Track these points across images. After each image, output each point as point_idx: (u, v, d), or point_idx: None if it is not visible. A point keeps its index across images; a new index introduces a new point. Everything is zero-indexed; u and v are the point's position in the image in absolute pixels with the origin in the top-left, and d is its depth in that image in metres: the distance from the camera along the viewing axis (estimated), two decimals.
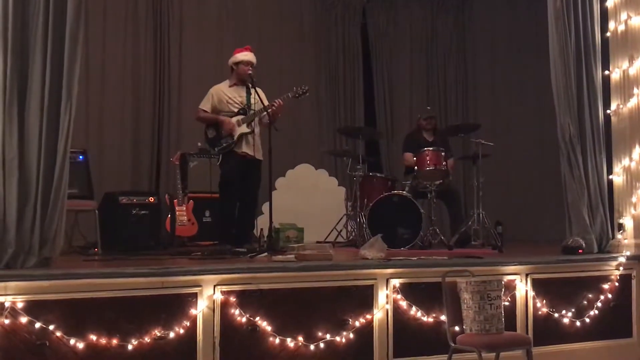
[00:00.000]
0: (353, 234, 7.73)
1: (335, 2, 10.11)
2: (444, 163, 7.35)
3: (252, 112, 6.70)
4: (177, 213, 7.44)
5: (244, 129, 6.67)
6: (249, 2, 9.61)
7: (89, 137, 8.43)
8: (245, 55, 6.80)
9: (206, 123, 6.83)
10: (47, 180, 4.50)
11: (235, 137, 6.65)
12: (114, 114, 8.74)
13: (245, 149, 6.69)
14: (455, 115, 10.27)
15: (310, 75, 9.84)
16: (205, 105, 6.81)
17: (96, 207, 6.43)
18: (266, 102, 6.70)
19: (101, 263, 5.38)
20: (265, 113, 6.50)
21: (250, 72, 6.70)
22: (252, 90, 6.67)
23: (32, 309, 4.11)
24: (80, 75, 4.79)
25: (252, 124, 6.72)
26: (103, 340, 4.22)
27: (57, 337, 4.13)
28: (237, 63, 6.80)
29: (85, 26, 6.64)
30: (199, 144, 8.05)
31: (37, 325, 4.09)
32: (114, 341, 4.25)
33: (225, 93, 6.81)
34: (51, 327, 4.12)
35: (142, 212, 6.75)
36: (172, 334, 4.40)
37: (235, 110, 6.74)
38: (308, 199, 8.81)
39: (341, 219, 8.07)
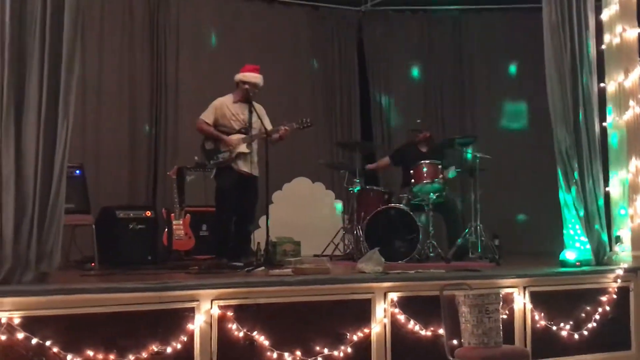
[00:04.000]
0: (350, 247, 7.71)
1: (331, 16, 10.15)
2: (441, 176, 7.36)
3: (253, 133, 6.68)
4: (174, 227, 7.42)
5: (243, 148, 6.66)
6: (245, 17, 9.63)
7: (86, 151, 8.41)
8: (255, 78, 6.77)
9: (206, 136, 6.81)
10: (44, 194, 4.49)
11: (234, 155, 6.65)
12: (111, 128, 8.73)
13: (242, 167, 6.67)
14: (453, 128, 10.26)
15: (306, 89, 9.87)
16: (209, 117, 6.76)
17: (93, 222, 6.41)
18: (266, 121, 6.71)
19: (98, 278, 5.37)
20: (266, 136, 6.48)
21: (255, 92, 6.72)
22: (254, 109, 6.69)
23: (29, 324, 4.08)
24: (77, 90, 4.79)
25: (252, 144, 6.72)
26: (100, 356, 4.20)
27: (54, 353, 4.11)
28: (245, 82, 6.78)
29: (81, 41, 6.67)
30: (196, 158, 8.04)
31: (34, 341, 4.07)
32: (111, 357, 4.23)
33: (230, 108, 6.75)
34: (48, 343, 4.10)
35: (139, 226, 6.73)
36: (169, 349, 4.39)
37: (237, 127, 6.71)
38: (305, 212, 8.80)
39: (338, 232, 8.06)
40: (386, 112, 10.22)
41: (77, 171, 6.47)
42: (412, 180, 7.40)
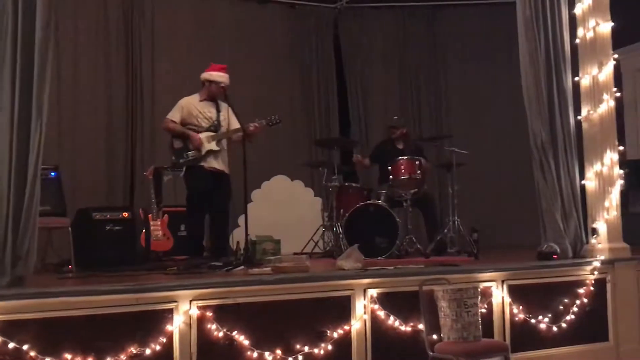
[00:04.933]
0: (330, 244, 7.72)
1: (308, 13, 10.14)
2: (419, 172, 7.38)
3: (222, 130, 6.69)
4: (151, 228, 7.38)
5: (212, 146, 6.69)
6: (221, 15, 9.60)
7: (61, 152, 8.34)
8: (221, 77, 6.80)
9: (174, 134, 6.82)
10: (18, 197, 4.43)
11: (203, 152, 6.66)
12: (87, 129, 8.65)
13: (212, 164, 6.71)
14: (429, 123, 10.32)
15: (284, 87, 9.86)
16: (175, 116, 6.81)
17: (69, 224, 6.36)
18: (233, 119, 6.72)
19: (75, 280, 5.33)
20: (239, 134, 6.51)
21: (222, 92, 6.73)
22: (224, 107, 6.71)
23: (6, 329, 4.04)
24: (51, 91, 4.74)
25: (222, 141, 6.73)
26: (78, 359, 4.16)
27: (31, 357, 4.07)
28: (211, 81, 6.79)
29: (55, 41, 6.61)
30: (173, 157, 8.00)
31: (11, 345, 4.02)
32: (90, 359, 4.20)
33: (196, 107, 6.81)
34: (25, 347, 4.06)
35: (116, 227, 6.69)
36: (148, 351, 4.36)
37: (205, 125, 6.76)
38: (284, 210, 8.79)
39: (318, 229, 8.06)
40: (364, 109, 10.23)
41: (53, 173, 6.42)
42: (390, 177, 7.42)
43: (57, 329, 4.17)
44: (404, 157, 7.46)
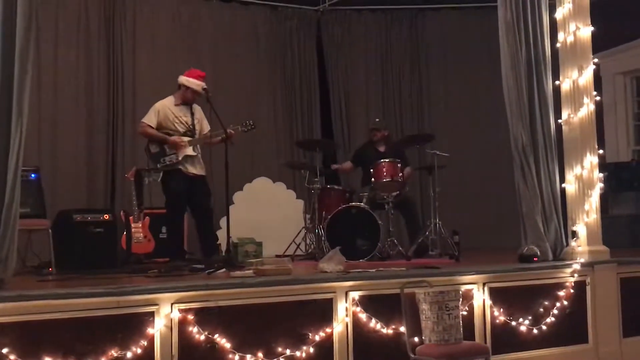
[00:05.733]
0: (312, 246, 7.72)
1: (290, 15, 10.13)
2: (400, 174, 7.41)
3: (197, 134, 6.73)
4: (133, 230, 7.34)
5: (190, 151, 6.73)
6: (203, 15, 9.57)
7: (42, 154, 8.28)
8: (198, 85, 6.80)
9: (151, 139, 6.80)
10: None
11: (180, 158, 6.68)
12: (67, 130, 8.60)
13: (190, 169, 6.78)
14: (411, 126, 10.34)
15: (266, 88, 9.85)
16: (151, 120, 6.82)
17: (50, 226, 6.31)
18: (205, 123, 6.90)
19: (56, 283, 5.28)
20: (219, 137, 6.60)
21: (196, 98, 6.83)
22: (197, 109, 6.88)
23: None
24: (31, 92, 4.72)
25: (197, 146, 6.76)
26: None
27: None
28: (187, 87, 6.81)
29: (36, 42, 6.56)
30: (150, 162, 7.97)
31: None
32: None
33: (172, 111, 6.83)
34: (5, 351, 4.02)
35: (97, 230, 6.64)
36: (129, 354, 4.33)
37: (181, 130, 6.82)
38: (266, 212, 8.78)
39: (300, 231, 8.06)
40: (346, 111, 10.24)
41: (33, 175, 6.36)
42: (372, 179, 7.44)
43: (37, 332, 4.14)
44: (386, 160, 7.47)
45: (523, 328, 5.61)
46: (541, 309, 5.71)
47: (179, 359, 4.48)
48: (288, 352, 4.77)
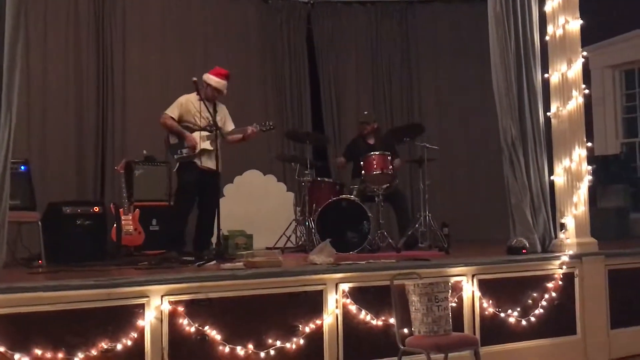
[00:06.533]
0: (302, 239, 7.74)
1: (280, 8, 10.12)
2: (390, 167, 7.43)
3: (215, 130, 6.75)
4: (122, 222, 7.32)
5: (207, 145, 6.75)
6: (192, 9, 9.54)
7: (31, 146, 8.26)
8: (218, 83, 6.93)
9: (171, 131, 6.83)
10: None
11: (197, 151, 6.73)
12: (57, 122, 8.57)
13: (206, 163, 6.80)
14: (401, 119, 10.36)
15: (256, 81, 9.83)
16: (174, 112, 6.91)
17: (39, 218, 6.31)
18: (229, 121, 7.09)
19: (46, 275, 5.27)
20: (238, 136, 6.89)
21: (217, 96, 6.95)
22: (221, 108, 6.98)
23: None
24: (20, 84, 4.71)
25: (216, 142, 6.74)
26: (49, 355, 4.15)
27: (1, 352, 4.03)
28: (208, 84, 6.93)
29: (25, 34, 6.53)
30: (145, 151, 7.96)
31: None
32: (60, 355, 4.18)
33: (195, 105, 6.86)
34: None
35: (87, 222, 6.66)
36: (119, 346, 4.35)
37: (202, 124, 6.80)
38: (257, 205, 8.79)
39: (290, 224, 8.07)
40: (336, 104, 10.24)
41: (22, 167, 6.38)
42: (362, 172, 7.45)
43: (27, 325, 4.14)
44: (376, 153, 7.49)
45: (512, 319, 5.65)
46: (530, 301, 5.75)
47: (169, 351, 4.49)
48: (278, 343, 4.79)
